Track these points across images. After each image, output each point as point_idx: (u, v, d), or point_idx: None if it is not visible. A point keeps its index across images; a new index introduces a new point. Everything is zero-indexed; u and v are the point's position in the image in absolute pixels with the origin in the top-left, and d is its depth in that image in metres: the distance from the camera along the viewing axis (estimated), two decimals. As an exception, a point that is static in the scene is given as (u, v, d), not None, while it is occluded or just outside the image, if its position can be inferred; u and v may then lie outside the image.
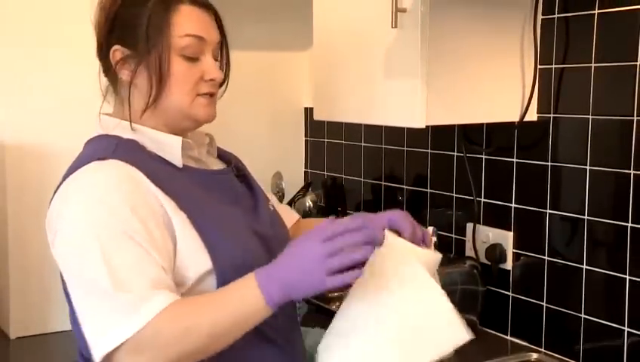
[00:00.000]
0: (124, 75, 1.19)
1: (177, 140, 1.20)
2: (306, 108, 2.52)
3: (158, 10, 1.17)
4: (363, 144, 2.29)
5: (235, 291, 1.07)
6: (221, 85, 1.26)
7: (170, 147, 1.19)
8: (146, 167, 1.14)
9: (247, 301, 1.05)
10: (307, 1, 1.84)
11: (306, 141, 2.56)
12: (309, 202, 2.30)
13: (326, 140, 2.46)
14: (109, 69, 1.22)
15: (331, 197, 2.35)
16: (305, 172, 2.57)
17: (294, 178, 2.47)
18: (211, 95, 1.23)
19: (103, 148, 1.16)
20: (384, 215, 1.29)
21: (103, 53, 1.21)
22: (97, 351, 1.06)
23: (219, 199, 1.21)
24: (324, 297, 1.96)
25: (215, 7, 1.24)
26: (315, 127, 2.49)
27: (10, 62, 1.88)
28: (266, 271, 1.06)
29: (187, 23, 1.18)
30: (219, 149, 1.35)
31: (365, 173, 2.28)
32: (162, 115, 1.20)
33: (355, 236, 1.04)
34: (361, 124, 2.25)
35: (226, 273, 1.12)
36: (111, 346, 1.04)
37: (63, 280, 1.18)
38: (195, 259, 1.13)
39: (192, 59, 1.19)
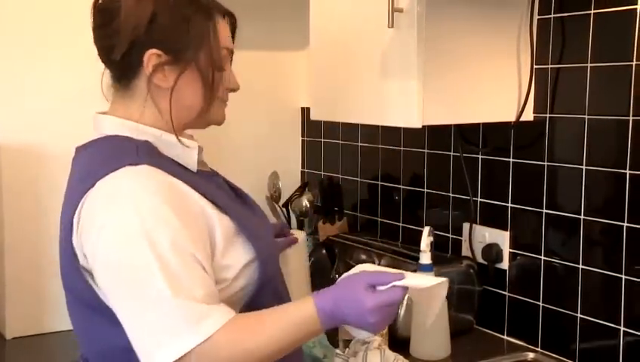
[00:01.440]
0: (159, 79, 1.16)
1: (195, 145, 1.20)
2: (302, 108, 2.52)
3: (201, 20, 1.16)
4: (360, 144, 2.29)
5: (294, 307, 1.13)
6: None
7: (187, 152, 1.19)
8: (171, 170, 1.14)
9: (302, 310, 1.11)
10: (304, 1, 1.84)
11: (303, 141, 2.56)
12: (305, 202, 2.30)
13: (323, 140, 2.46)
14: (129, 70, 1.17)
15: (328, 197, 2.35)
16: (302, 172, 2.57)
17: (291, 178, 2.47)
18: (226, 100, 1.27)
19: (125, 151, 1.14)
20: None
21: (131, 53, 1.15)
22: (162, 358, 1.02)
23: (232, 199, 1.24)
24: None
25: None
26: (311, 127, 2.49)
27: (5, 62, 1.88)
28: (325, 294, 1.12)
29: (223, 35, 1.20)
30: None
31: (362, 172, 2.29)
32: (170, 120, 1.18)
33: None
34: (357, 124, 2.25)
35: (266, 262, 1.18)
36: (173, 357, 1.01)
37: (68, 279, 1.15)
38: (237, 252, 1.15)
39: (223, 70, 1.21)
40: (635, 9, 1.51)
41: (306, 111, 2.48)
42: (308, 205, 2.30)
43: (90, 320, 1.15)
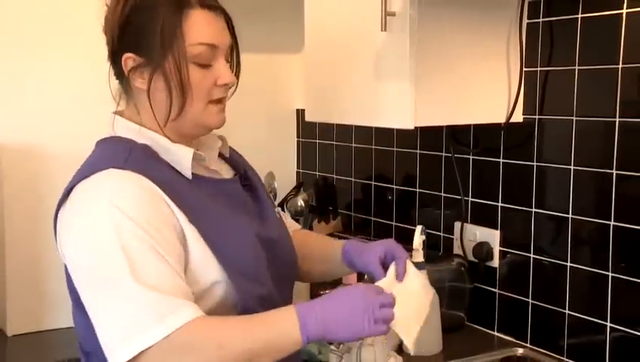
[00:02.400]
0: (139, 82, 1.15)
1: (188, 153, 1.15)
2: (297, 110, 2.52)
3: (170, 16, 1.11)
4: (353, 145, 2.29)
5: (270, 316, 1.07)
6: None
7: (180, 158, 1.16)
8: (159, 177, 1.11)
9: (282, 327, 1.04)
10: (299, 4, 1.85)
11: (298, 142, 2.56)
12: (300, 201, 2.30)
13: (317, 141, 2.46)
14: (121, 75, 1.18)
15: (322, 197, 2.35)
16: (297, 172, 2.57)
17: (286, 178, 2.47)
18: (222, 100, 1.19)
19: (117, 154, 1.12)
20: (378, 244, 1.30)
21: (114, 58, 1.16)
22: (118, 357, 1.01)
23: (227, 208, 1.18)
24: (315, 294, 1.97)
25: (222, 6, 1.19)
26: (306, 128, 2.49)
27: (6, 63, 1.87)
28: (307, 304, 1.06)
29: (199, 30, 1.13)
30: (231, 150, 1.33)
31: (356, 173, 2.29)
32: (174, 123, 1.16)
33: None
34: (351, 125, 2.25)
35: (238, 282, 1.11)
36: (134, 351, 0.99)
37: (69, 282, 1.15)
38: (205, 269, 1.11)
39: (205, 65, 1.14)
40: (621, 13, 1.51)
41: (301, 113, 2.48)
42: (303, 205, 2.29)
43: (75, 311, 1.16)
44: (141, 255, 1.04)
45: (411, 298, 1.23)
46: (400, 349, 1.67)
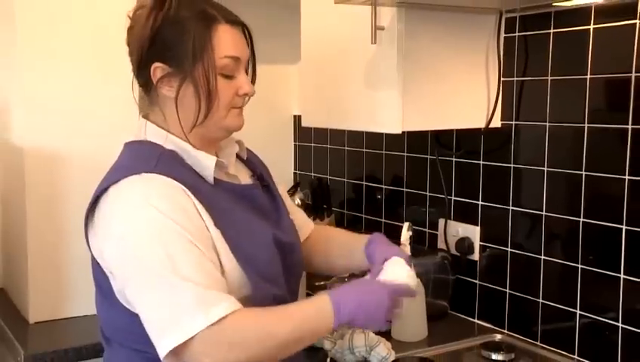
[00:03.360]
0: (167, 91, 1.15)
1: (212, 161, 1.16)
2: (295, 116, 2.51)
3: (200, 30, 1.12)
4: (346, 148, 2.30)
5: (307, 306, 1.10)
6: None
7: (204, 164, 1.16)
8: (186, 180, 1.11)
9: (319, 316, 1.08)
10: (296, 19, 1.85)
11: (295, 145, 2.56)
12: (297, 200, 2.28)
13: (313, 145, 2.46)
14: (147, 83, 1.17)
15: (317, 196, 2.33)
16: (294, 173, 2.57)
17: (284, 179, 2.47)
18: (240, 106, 1.21)
19: (147, 158, 1.12)
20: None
21: (141, 68, 1.16)
22: (164, 345, 1.01)
23: (246, 212, 1.19)
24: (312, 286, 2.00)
25: (246, 23, 1.20)
26: (303, 133, 2.49)
27: (29, 70, 1.84)
28: (340, 295, 1.10)
29: (225, 44, 1.14)
30: (248, 152, 1.33)
31: (348, 174, 2.29)
32: (200, 129, 1.16)
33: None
34: (344, 130, 2.25)
35: (256, 281, 1.12)
36: (179, 340, 1.00)
37: (95, 272, 1.15)
38: (227, 270, 1.11)
39: (229, 76, 1.16)
40: (589, 29, 1.53)
41: (297, 119, 2.47)
42: (300, 203, 2.27)
43: (105, 303, 1.17)
44: (181, 249, 1.04)
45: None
46: (389, 336, 1.69)
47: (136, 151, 1.17)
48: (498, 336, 1.76)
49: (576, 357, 1.61)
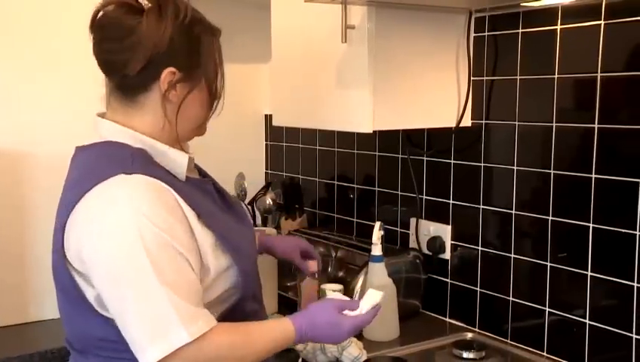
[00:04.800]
0: (173, 95, 1.14)
1: (185, 158, 1.17)
2: (266, 115, 2.51)
3: (208, 38, 1.17)
4: (317, 147, 2.30)
5: (272, 325, 1.20)
6: None
7: (177, 162, 1.16)
8: (163, 178, 1.11)
9: (284, 336, 1.17)
10: (266, 18, 1.86)
11: (266, 145, 2.55)
12: (269, 200, 2.30)
13: (284, 144, 2.46)
14: (142, 85, 1.14)
15: (289, 196, 2.35)
16: (265, 173, 2.56)
17: (256, 178, 2.46)
18: None
19: (121, 158, 1.11)
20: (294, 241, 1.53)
21: (146, 70, 1.12)
22: (148, 357, 1.03)
23: (216, 205, 1.21)
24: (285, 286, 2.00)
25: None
26: (274, 132, 2.49)
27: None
28: (301, 319, 1.20)
29: (219, 56, 1.20)
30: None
31: (320, 173, 2.29)
32: (172, 132, 1.17)
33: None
34: (315, 130, 2.25)
35: (244, 266, 1.17)
36: (163, 353, 1.02)
37: (60, 279, 1.13)
38: (215, 261, 1.13)
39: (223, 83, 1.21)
40: (556, 29, 1.55)
41: (268, 118, 2.47)
42: (271, 203, 2.28)
43: (72, 311, 1.15)
44: (164, 255, 1.04)
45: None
46: (361, 335, 1.70)
47: (104, 152, 1.15)
48: (469, 335, 1.78)
49: (545, 354, 1.63)
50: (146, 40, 1.11)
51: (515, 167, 1.67)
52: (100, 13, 1.14)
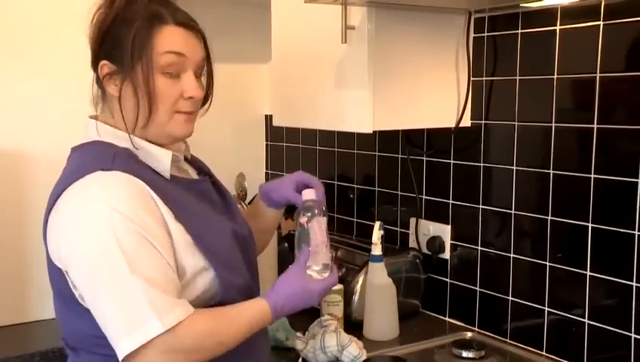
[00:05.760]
0: (112, 89, 1.14)
1: (168, 155, 1.16)
2: (266, 116, 2.51)
3: (143, 29, 1.11)
4: (317, 147, 2.31)
5: (248, 306, 1.17)
6: (204, 103, 1.21)
7: (160, 160, 1.16)
8: (145, 176, 1.11)
9: (259, 315, 1.16)
10: (267, 19, 1.86)
11: (267, 145, 2.55)
12: None
13: (284, 144, 2.47)
14: (98, 80, 1.17)
15: None
16: (265, 173, 2.57)
17: (256, 178, 2.45)
18: (190, 113, 1.17)
19: (103, 156, 1.12)
20: (290, 177, 1.42)
21: (93, 65, 1.16)
22: (122, 348, 1.03)
23: (205, 207, 1.20)
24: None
25: (200, 27, 1.18)
26: (274, 133, 2.49)
27: None
28: (275, 295, 1.19)
29: (169, 40, 1.12)
30: (192, 156, 1.33)
31: (320, 173, 2.29)
32: (142, 132, 1.15)
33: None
34: (315, 130, 2.25)
35: (220, 271, 1.14)
36: (136, 344, 1.02)
37: (54, 279, 1.14)
38: (191, 260, 1.12)
39: (173, 76, 1.13)
40: (555, 29, 1.56)
41: (269, 118, 2.46)
42: None
43: (65, 309, 1.16)
44: (137, 249, 1.04)
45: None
46: (361, 334, 1.71)
47: (90, 151, 1.16)
48: (469, 334, 1.78)
49: (544, 353, 1.64)
50: (90, 36, 1.15)
51: (514, 167, 1.68)
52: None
